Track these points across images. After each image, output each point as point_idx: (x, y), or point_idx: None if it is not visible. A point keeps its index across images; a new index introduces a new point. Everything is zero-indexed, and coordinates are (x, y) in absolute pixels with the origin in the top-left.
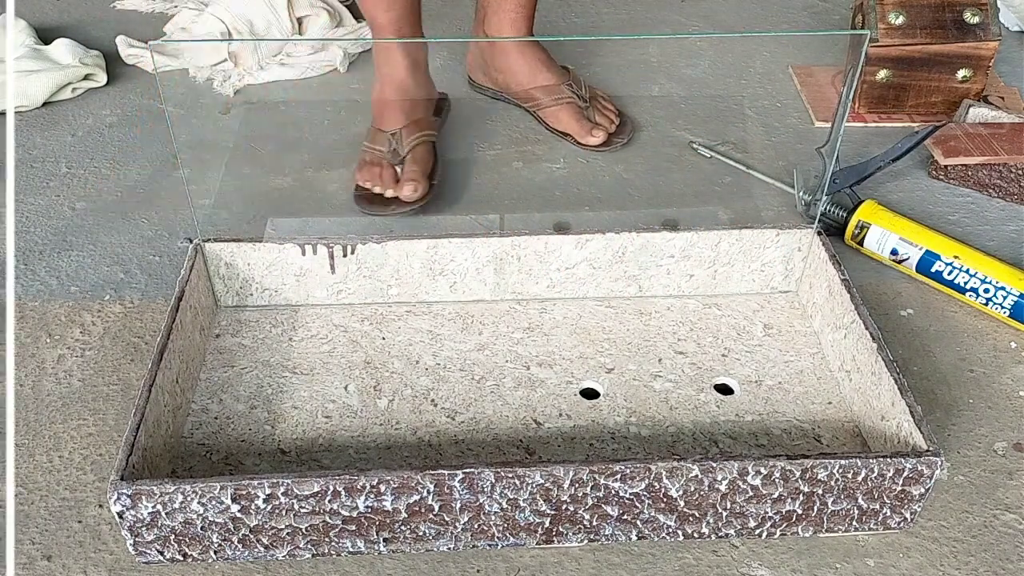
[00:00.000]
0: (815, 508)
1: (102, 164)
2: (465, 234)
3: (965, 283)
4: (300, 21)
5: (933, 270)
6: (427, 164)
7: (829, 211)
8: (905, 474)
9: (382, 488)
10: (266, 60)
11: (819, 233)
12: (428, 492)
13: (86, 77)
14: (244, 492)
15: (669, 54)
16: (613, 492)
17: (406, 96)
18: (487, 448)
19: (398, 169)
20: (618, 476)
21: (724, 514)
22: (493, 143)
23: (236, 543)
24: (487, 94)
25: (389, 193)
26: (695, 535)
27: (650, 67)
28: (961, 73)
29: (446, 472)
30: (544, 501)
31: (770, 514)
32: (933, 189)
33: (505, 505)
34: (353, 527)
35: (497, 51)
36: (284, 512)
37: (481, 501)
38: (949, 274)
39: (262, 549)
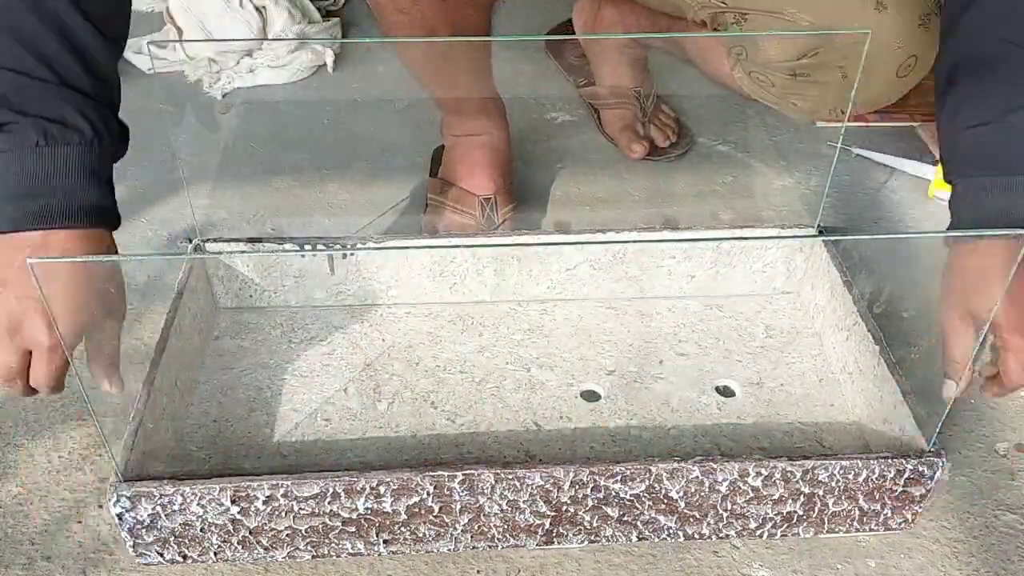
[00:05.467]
0: (816, 509)
1: None
2: (465, 235)
3: None
4: (261, 11)
5: None
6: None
7: None
8: (906, 475)
9: (382, 489)
10: (244, 59)
11: (820, 233)
12: (428, 493)
13: None
14: (244, 494)
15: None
16: (613, 493)
17: (500, 160)
18: (487, 451)
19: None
20: (618, 477)
21: (725, 515)
22: None
23: (236, 544)
24: (559, 63)
25: None
26: (696, 536)
27: (652, 66)
28: None
29: (446, 473)
30: (544, 502)
31: (771, 515)
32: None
33: (505, 506)
34: (353, 528)
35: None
36: (284, 514)
37: (481, 502)
38: None
39: (262, 551)
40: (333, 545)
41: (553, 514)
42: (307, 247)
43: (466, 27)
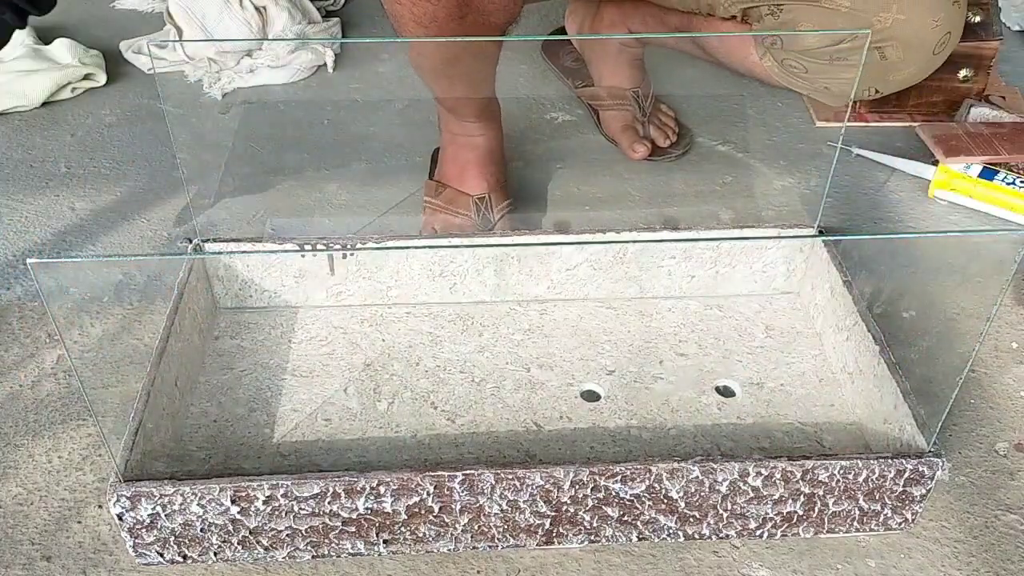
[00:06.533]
0: (816, 509)
1: (102, 164)
2: (465, 235)
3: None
4: (261, 11)
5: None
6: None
7: None
8: (906, 475)
9: (382, 489)
10: (244, 59)
11: (820, 233)
12: (428, 493)
13: (86, 77)
14: (244, 494)
15: (669, 52)
16: (613, 493)
17: (492, 159)
18: (487, 451)
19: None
20: (618, 477)
21: (725, 515)
22: None
23: (236, 545)
24: (556, 66)
25: None
26: (696, 536)
27: (650, 66)
28: (962, 73)
29: (446, 473)
30: (544, 502)
31: (771, 515)
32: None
33: (505, 506)
34: (353, 528)
35: (600, 39)
36: (284, 514)
37: (481, 503)
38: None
39: (262, 551)
40: (333, 545)
41: (553, 514)
42: (307, 247)
43: (481, 46)
